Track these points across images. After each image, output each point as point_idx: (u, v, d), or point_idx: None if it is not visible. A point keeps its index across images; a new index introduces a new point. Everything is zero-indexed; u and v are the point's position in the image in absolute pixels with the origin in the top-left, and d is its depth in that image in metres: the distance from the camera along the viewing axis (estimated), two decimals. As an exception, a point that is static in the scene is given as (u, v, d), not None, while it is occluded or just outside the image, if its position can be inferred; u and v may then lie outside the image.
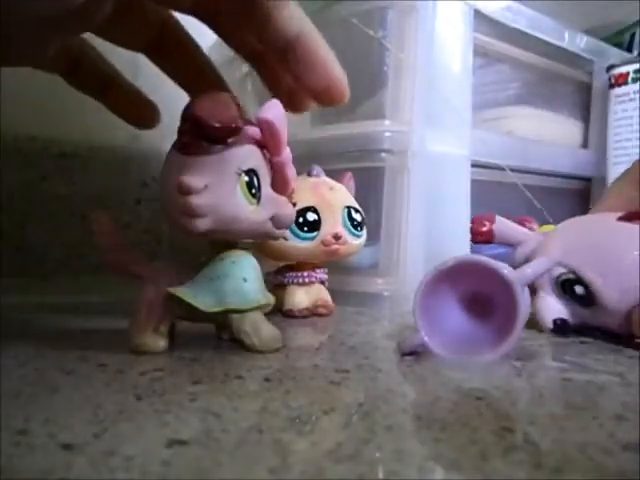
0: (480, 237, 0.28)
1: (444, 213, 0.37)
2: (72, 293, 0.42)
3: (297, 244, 0.30)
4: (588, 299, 0.24)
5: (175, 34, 0.28)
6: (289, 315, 0.31)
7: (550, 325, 0.26)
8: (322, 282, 0.32)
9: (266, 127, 0.21)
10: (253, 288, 0.22)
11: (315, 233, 0.30)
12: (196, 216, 0.20)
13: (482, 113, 0.45)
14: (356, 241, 0.31)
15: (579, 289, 0.24)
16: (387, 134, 0.35)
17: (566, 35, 0.48)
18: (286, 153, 0.22)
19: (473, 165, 0.39)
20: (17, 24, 0.20)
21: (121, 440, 0.13)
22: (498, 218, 0.29)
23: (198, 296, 0.21)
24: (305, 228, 0.30)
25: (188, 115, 0.19)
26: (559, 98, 0.53)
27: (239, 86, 0.46)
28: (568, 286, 0.24)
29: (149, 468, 0.12)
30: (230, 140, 0.20)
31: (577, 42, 0.49)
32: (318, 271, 0.32)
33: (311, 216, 0.30)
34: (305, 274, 0.31)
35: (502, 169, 0.39)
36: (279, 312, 0.31)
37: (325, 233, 0.30)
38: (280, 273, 0.32)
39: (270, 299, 0.23)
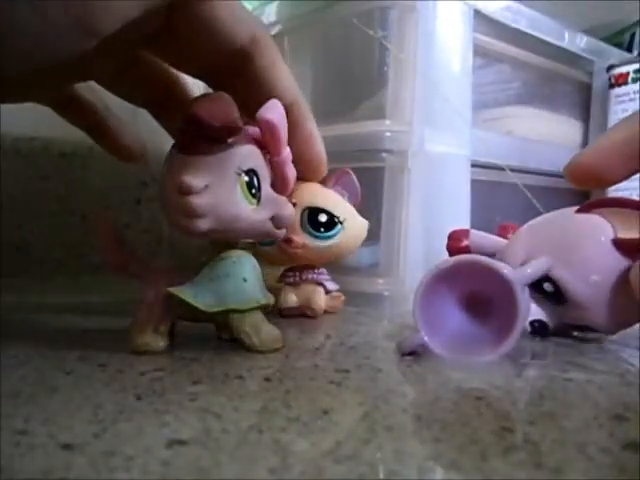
0: (457, 253, 0.28)
1: (444, 213, 0.37)
2: (72, 293, 0.42)
3: (259, 249, 0.31)
4: (558, 296, 0.24)
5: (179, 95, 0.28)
6: (278, 314, 0.31)
7: (527, 328, 0.26)
8: (319, 283, 0.31)
9: (266, 127, 0.21)
10: (253, 288, 0.22)
11: None
12: (197, 216, 0.20)
13: (482, 113, 0.45)
14: (321, 243, 0.30)
15: (547, 286, 0.24)
16: (387, 134, 0.35)
17: (566, 35, 0.48)
18: (286, 153, 0.22)
19: (473, 165, 0.39)
20: (29, 69, 0.20)
21: (121, 440, 0.13)
22: (472, 232, 0.29)
23: (198, 296, 0.21)
24: None
25: (188, 115, 0.19)
26: (559, 98, 0.53)
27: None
28: (537, 284, 0.24)
29: (149, 468, 0.12)
30: (230, 140, 0.20)
31: (577, 42, 0.49)
32: (313, 272, 0.31)
33: None
34: (296, 274, 0.31)
35: (502, 169, 0.39)
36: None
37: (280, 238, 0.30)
38: (283, 273, 0.32)
39: (270, 299, 0.23)
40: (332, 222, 0.30)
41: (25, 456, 0.12)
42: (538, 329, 0.26)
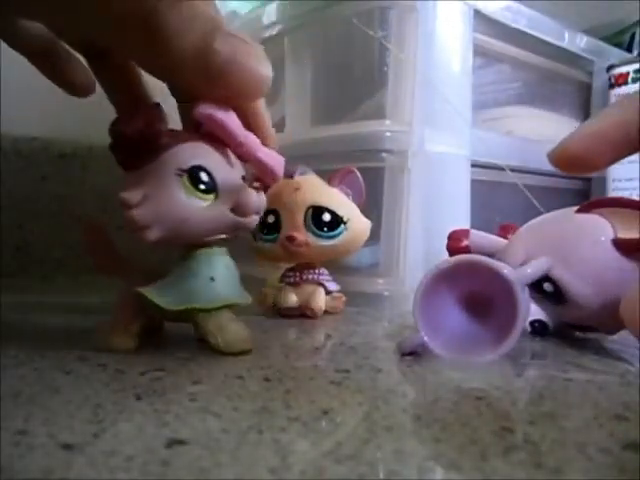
0: (457, 253, 0.28)
1: (444, 213, 0.37)
2: (72, 293, 0.42)
3: (260, 245, 0.31)
4: (558, 295, 0.24)
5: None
6: (278, 313, 0.31)
7: (527, 328, 0.26)
8: (320, 284, 0.31)
9: (208, 122, 0.21)
10: (220, 287, 0.22)
11: (275, 235, 0.30)
12: (142, 228, 0.20)
13: (482, 113, 0.45)
14: (324, 242, 0.30)
15: (547, 286, 0.24)
16: (387, 134, 0.35)
17: (566, 35, 0.48)
18: (248, 140, 0.21)
19: (473, 165, 0.39)
20: None
21: (121, 440, 0.13)
22: (472, 232, 0.29)
23: (164, 295, 0.21)
24: (265, 230, 0.31)
25: (109, 131, 0.20)
26: (559, 98, 0.53)
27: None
28: (537, 284, 0.24)
29: (149, 468, 0.12)
30: (165, 143, 0.20)
31: (577, 42, 0.49)
32: (313, 272, 0.32)
33: (270, 218, 0.30)
34: (297, 274, 0.31)
35: (502, 169, 0.39)
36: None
37: (282, 235, 0.30)
38: (283, 273, 0.32)
39: (245, 299, 0.23)
40: (335, 222, 0.30)
41: (25, 456, 0.12)
42: (538, 329, 0.26)
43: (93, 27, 0.20)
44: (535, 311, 0.25)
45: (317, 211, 0.30)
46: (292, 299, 0.31)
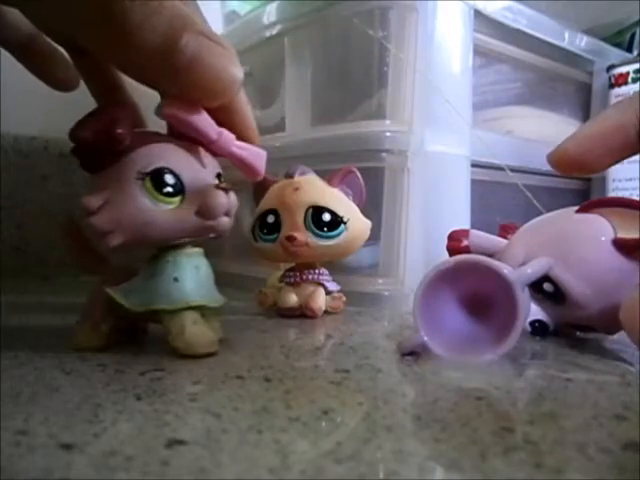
0: (457, 254, 0.28)
1: (444, 213, 0.37)
2: (72, 293, 0.42)
3: (260, 245, 0.31)
4: (558, 296, 0.24)
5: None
6: (278, 313, 0.31)
7: (527, 328, 0.26)
8: (320, 284, 0.32)
9: (173, 122, 0.20)
10: (185, 288, 0.21)
11: (275, 235, 0.30)
12: (102, 234, 0.20)
13: (482, 113, 0.45)
14: (324, 242, 0.30)
15: (548, 286, 0.24)
16: (387, 134, 0.35)
17: (566, 35, 0.48)
18: (222, 137, 0.21)
19: (473, 165, 0.39)
20: None
21: (121, 440, 0.13)
22: (472, 232, 0.29)
23: (130, 296, 0.21)
24: (265, 230, 0.31)
25: (69, 135, 0.19)
26: (559, 98, 0.53)
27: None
28: (537, 284, 0.24)
29: (149, 468, 0.12)
30: (127, 145, 0.20)
31: (577, 42, 0.49)
32: (313, 272, 0.32)
33: (270, 218, 0.31)
34: (297, 274, 0.31)
35: (502, 169, 0.39)
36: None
37: (282, 235, 0.30)
38: (283, 273, 0.32)
39: (213, 301, 0.22)
40: (336, 222, 0.30)
41: (25, 456, 0.12)
42: (538, 329, 0.26)
43: (61, 17, 0.20)
44: (535, 311, 0.25)
45: (317, 211, 0.30)
46: (292, 299, 0.31)
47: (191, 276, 0.22)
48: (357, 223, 0.31)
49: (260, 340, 0.25)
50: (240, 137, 0.22)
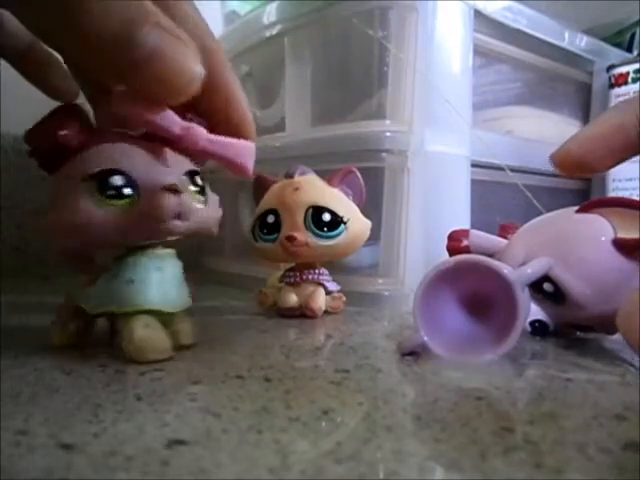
0: (457, 254, 0.28)
1: (444, 213, 0.37)
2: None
3: (260, 245, 0.31)
4: (558, 296, 0.24)
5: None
6: (278, 313, 0.31)
7: (527, 328, 0.26)
8: (320, 284, 0.31)
9: (130, 119, 0.19)
10: (140, 290, 0.20)
11: (275, 235, 0.30)
12: (50, 237, 0.20)
13: (482, 113, 0.45)
14: (324, 242, 0.30)
15: (547, 286, 0.24)
16: (387, 134, 0.35)
17: (566, 35, 0.48)
18: (189, 132, 0.20)
19: (473, 165, 0.39)
20: None
21: (121, 440, 0.13)
22: (472, 232, 0.29)
23: (89, 297, 0.21)
24: (265, 230, 0.31)
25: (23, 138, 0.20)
26: (559, 98, 0.53)
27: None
28: (537, 284, 0.24)
29: (149, 468, 0.12)
30: (76, 147, 0.19)
31: (577, 42, 0.49)
32: (313, 272, 0.32)
33: (270, 218, 0.31)
34: (297, 274, 0.31)
35: (502, 169, 0.39)
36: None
37: (282, 235, 0.30)
38: (283, 273, 0.32)
39: (172, 306, 0.21)
40: (336, 222, 0.30)
41: (25, 456, 0.12)
42: (538, 329, 0.26)
43: (28, 10, 0.18)
44: (535, 311, 0.25)
45: (317, 211, 0.30)
46: (292, 299, 0.31)
47: (150, 278, 0.21)
48: (357, 223, 0.31)
49: (260, 340, 0.25)
50: (234, 131, 0.21)
